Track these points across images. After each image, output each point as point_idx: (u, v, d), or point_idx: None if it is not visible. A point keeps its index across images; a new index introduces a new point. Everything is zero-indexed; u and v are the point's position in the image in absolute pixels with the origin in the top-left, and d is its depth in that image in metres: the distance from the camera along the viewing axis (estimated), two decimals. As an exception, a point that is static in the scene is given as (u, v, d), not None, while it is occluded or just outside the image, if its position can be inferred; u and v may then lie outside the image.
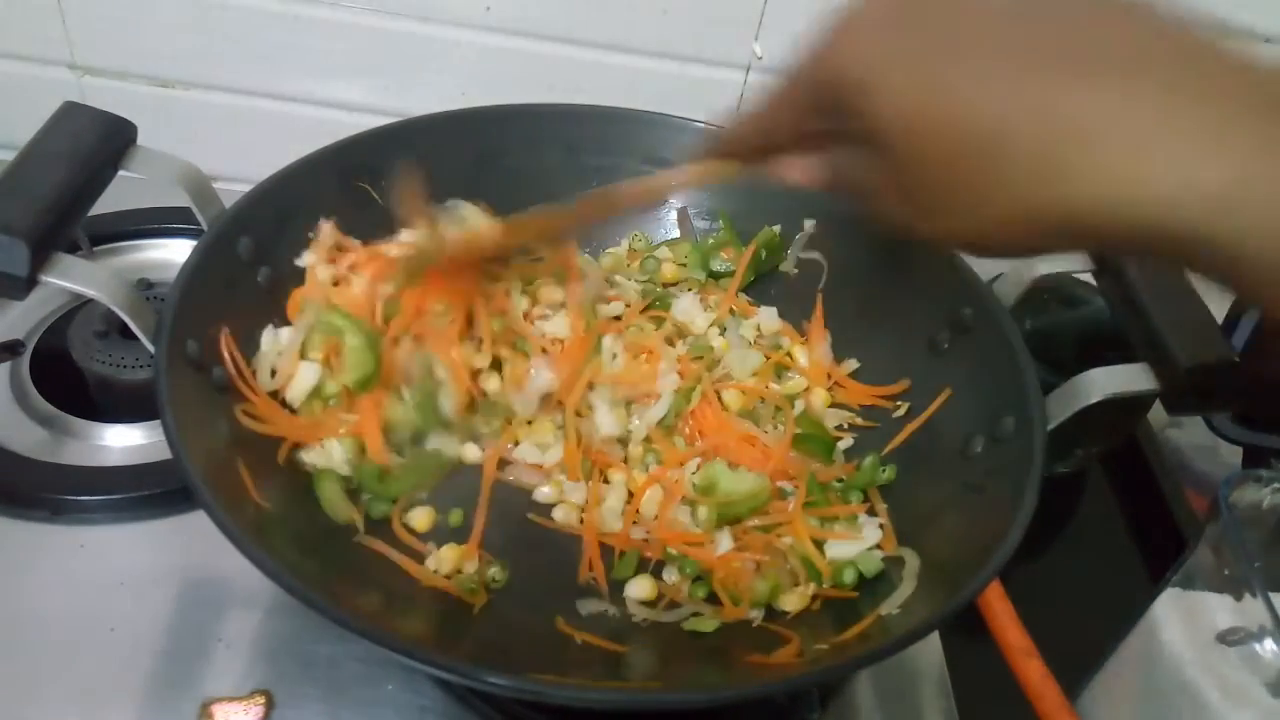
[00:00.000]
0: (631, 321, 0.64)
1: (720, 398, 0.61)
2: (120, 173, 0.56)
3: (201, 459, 0.45)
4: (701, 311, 0.66)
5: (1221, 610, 0.50)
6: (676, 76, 0.82)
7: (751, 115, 0.42)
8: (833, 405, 0.64)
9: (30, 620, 0.54)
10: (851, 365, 0.65)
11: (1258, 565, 0.48)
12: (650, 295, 0.67)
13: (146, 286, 0.70)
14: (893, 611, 0.49)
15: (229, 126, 0.85)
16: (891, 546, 0.54)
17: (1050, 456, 0.50)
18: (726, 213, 0.71)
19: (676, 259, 0.70)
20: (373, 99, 0.84)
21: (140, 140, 0.57)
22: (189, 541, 0.58)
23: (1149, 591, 0.55)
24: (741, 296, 0.69)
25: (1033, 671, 0.52)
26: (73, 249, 0.73)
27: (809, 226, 0.69)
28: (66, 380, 0.66)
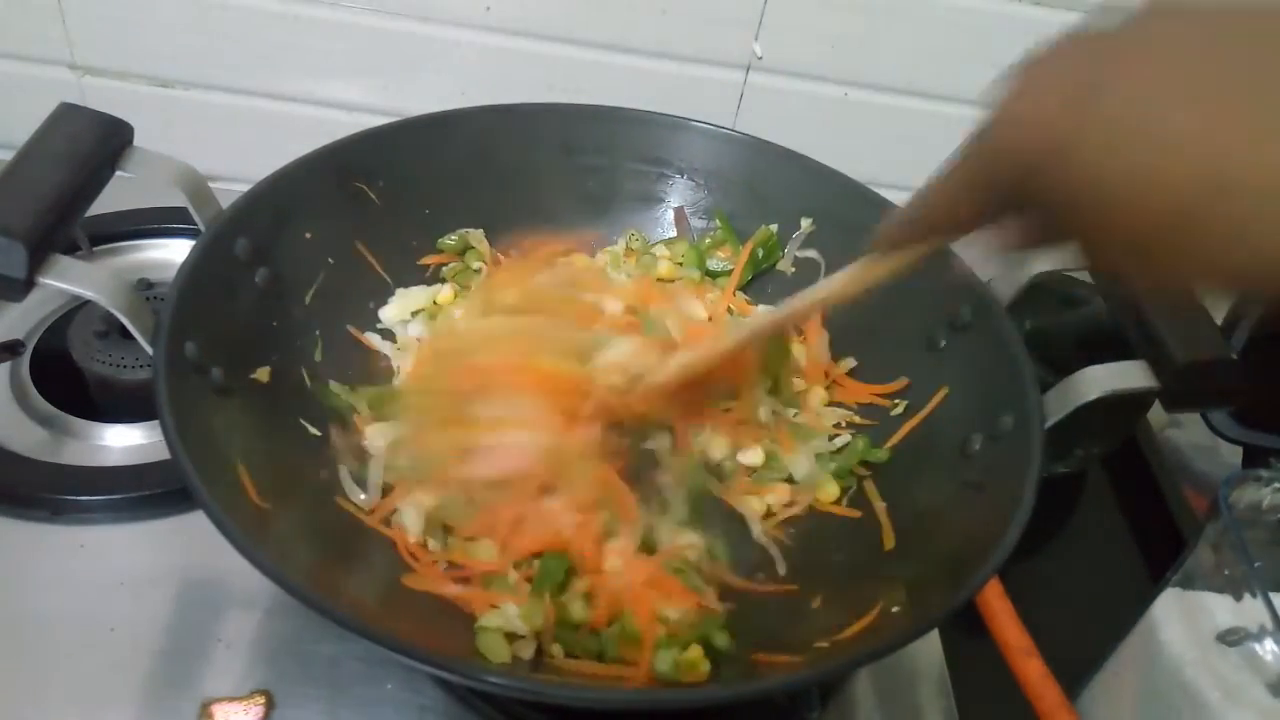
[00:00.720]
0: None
1: None
2: (117, 173, 0.56)
3: (201, 460, 0.45)
4: (700, 310, 0.66)
5: (1221, 610, 0.50)
6: (676, 76, 0.82)
7: (926, 202, 0.39)
8: (831, 403, 0.64)
9: (30, 620, 0.54)
10: (849, 364, 0.65)
11: (1258, 565, 0.48)
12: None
13: (147, 286, 0.70)
14: (893, 609, 0.49)
15: (229, 126, 0.85)
16: (892, 542, 0.54)
17: (1050, 456, 0.50)
18: (724, 212, 0.71)
19: (673, 258, 0.70)
20: (372, 99, 0.84)
21: (141, 140, 0.57)
22: (189, 541, 0.58)
23: (1149, 591, 0.55)
24: (740, 295, 0.69)
25: (1033, 671, 0.52)
26: (73, 249, 0.73)
27: (806, 225, 0.69)
28: (66, 380, 0.66)
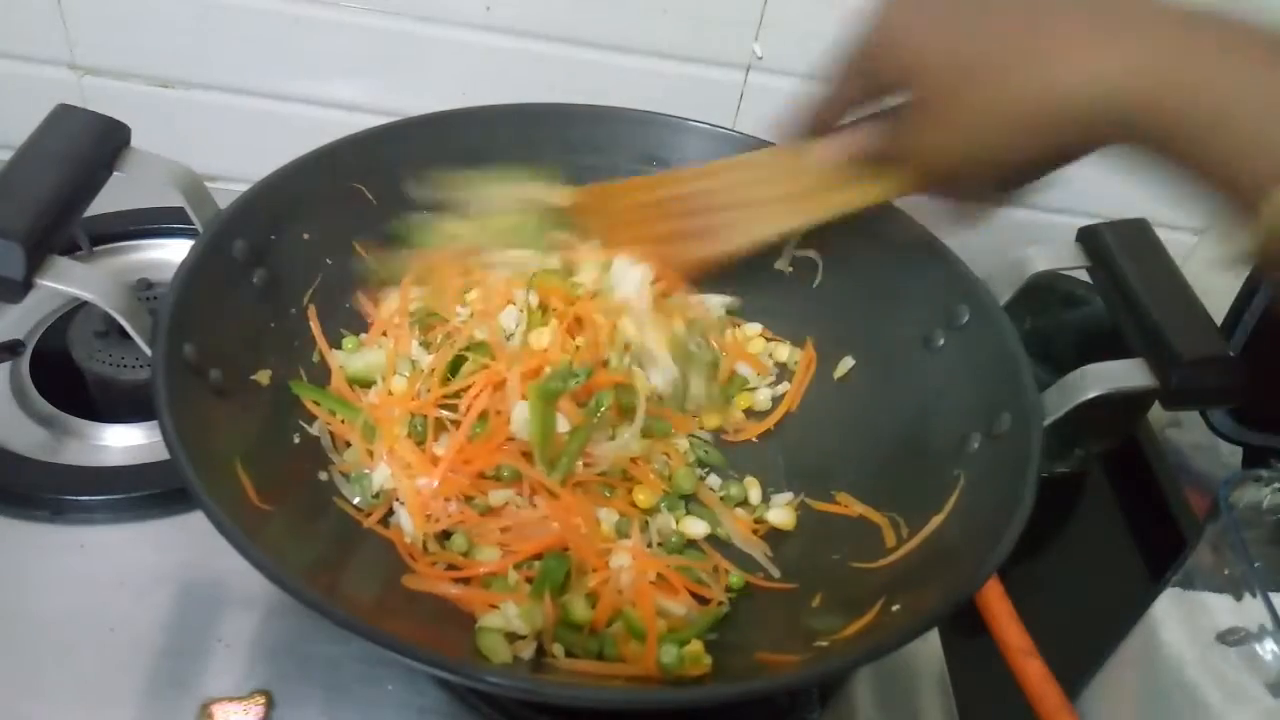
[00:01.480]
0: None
1: None
2: (115, 174, 0.56)
3: (201, 460, 0.45)
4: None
5: (1221, 610, 0.50)
6: (676, 76, 0.82)
7: (816, 92, 0.52)
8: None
9: (30, 620, 0.54)
10: (848, 364, 0.65)
11: (1258, 565, 0.48)
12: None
13: (146, 286, 0.70)
14: (892, 609, 0.49)
15: (230, 126, 0.85)
16: (893, 540, 0.54)
17: (1050, 456, 0.50)
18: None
19: None
20: (373, 99, 0.84)
21: (140, 141, 0.56)
22: (189, 541, 0.58)
23: (1149, 591, 0.55)
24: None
25: (1033, 671, 0.52)
26: (72, 250, 0.73)
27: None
28: (66, 380, 0.66)
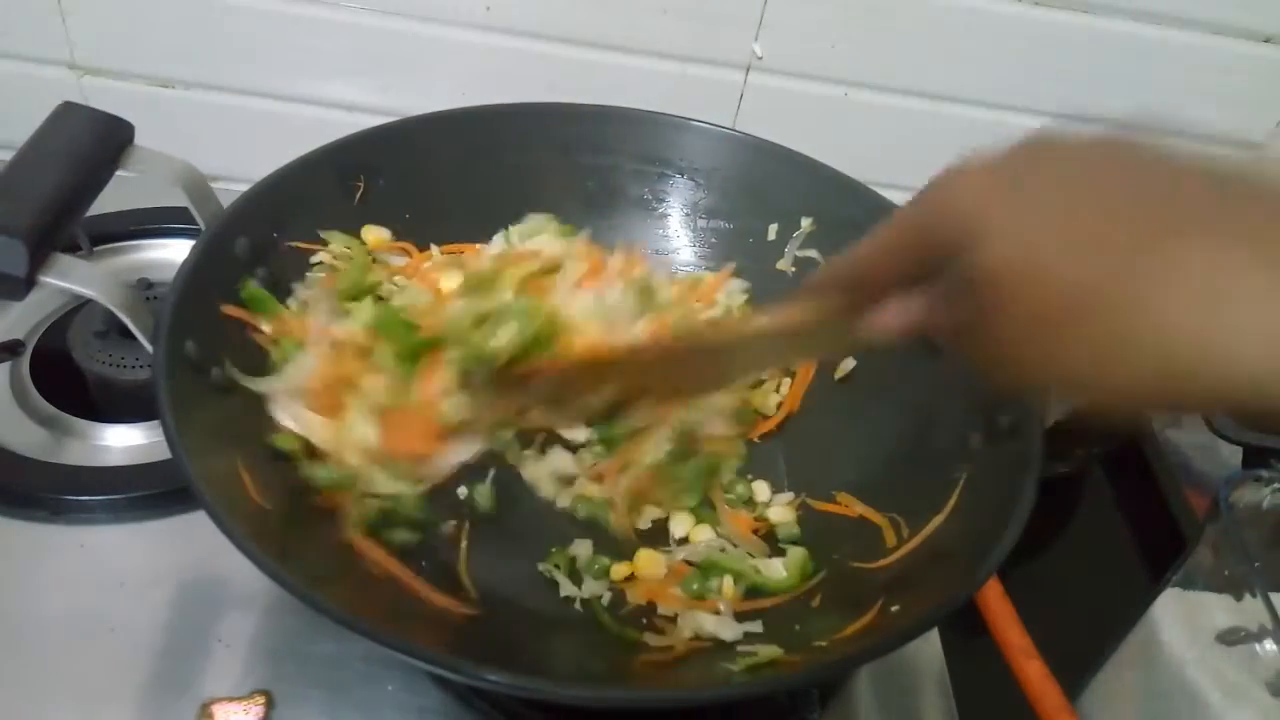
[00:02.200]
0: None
1: None
2: (118, 172, 0.56)
3: (201, 459, 0.45)
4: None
5: (1221, 610, 0.50)
6: (676, 76, 0.82)
7: (854, 254, 0.41)
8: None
9: (30, 620, 0.54)
10: (849, 365, 0.65)
11: (1258, 565, 0.48)
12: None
13: (147, 286, 0.70)
14: (892, 609, 0.49)
15: (230, 126, 0.85)
16: (893, 541, 0.54)
17: (1050, 456, 0.50)
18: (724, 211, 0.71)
19: None
20: (372, 99, 0.84)
21: (141, 140, 0.57)
22: (189, 541, 0.58)
23: (1149, 591, 0.55)
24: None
25: (1033, 672, 0.52)
26: (73, 249, 0.73)
27: (806, 225, 0.68)
28: (66, 380, 0.66)
